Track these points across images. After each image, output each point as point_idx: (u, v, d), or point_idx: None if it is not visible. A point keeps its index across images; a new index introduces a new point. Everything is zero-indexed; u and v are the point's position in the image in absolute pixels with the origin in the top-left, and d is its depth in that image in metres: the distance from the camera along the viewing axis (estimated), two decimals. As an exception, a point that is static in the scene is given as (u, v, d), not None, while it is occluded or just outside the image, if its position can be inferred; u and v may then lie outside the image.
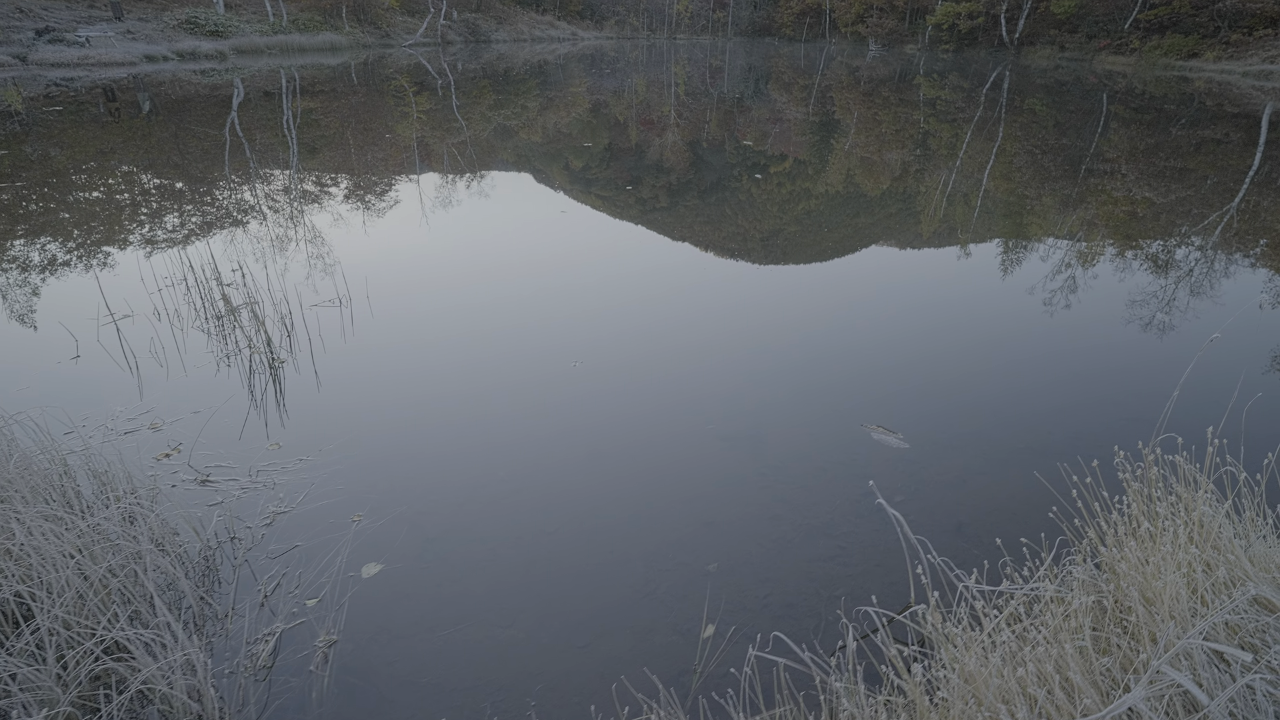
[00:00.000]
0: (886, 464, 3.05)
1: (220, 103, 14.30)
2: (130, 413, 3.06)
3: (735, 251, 6.32)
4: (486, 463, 3.03)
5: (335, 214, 6.51)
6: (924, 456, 3.12)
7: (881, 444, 3.09)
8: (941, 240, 6.71)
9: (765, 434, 3.30)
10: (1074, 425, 3.36)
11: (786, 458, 3.12)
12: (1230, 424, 2.99)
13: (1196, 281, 5.39)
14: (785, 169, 10.22)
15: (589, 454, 3.13)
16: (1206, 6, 27.36)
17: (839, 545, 2.60)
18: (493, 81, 22.10)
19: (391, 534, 2.50)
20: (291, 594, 2.14)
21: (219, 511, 2.45)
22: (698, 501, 2.87)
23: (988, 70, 30.22)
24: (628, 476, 3.00)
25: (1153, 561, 1.66)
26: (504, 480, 2.95)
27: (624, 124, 14.43)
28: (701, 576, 2.48)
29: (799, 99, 19.72)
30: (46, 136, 9.72)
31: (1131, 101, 18.79)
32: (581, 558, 2.57)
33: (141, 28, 23.14)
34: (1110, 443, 2.82)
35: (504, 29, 44.88)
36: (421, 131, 12.31)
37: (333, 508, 2.55)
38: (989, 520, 2.69)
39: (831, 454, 3.13)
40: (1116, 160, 10.38)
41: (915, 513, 2.76)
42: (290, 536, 2.39)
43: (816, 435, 3.28)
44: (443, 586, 2.40)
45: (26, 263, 4.87)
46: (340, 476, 2.75)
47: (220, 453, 2.82)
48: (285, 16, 29.22)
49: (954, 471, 3.01)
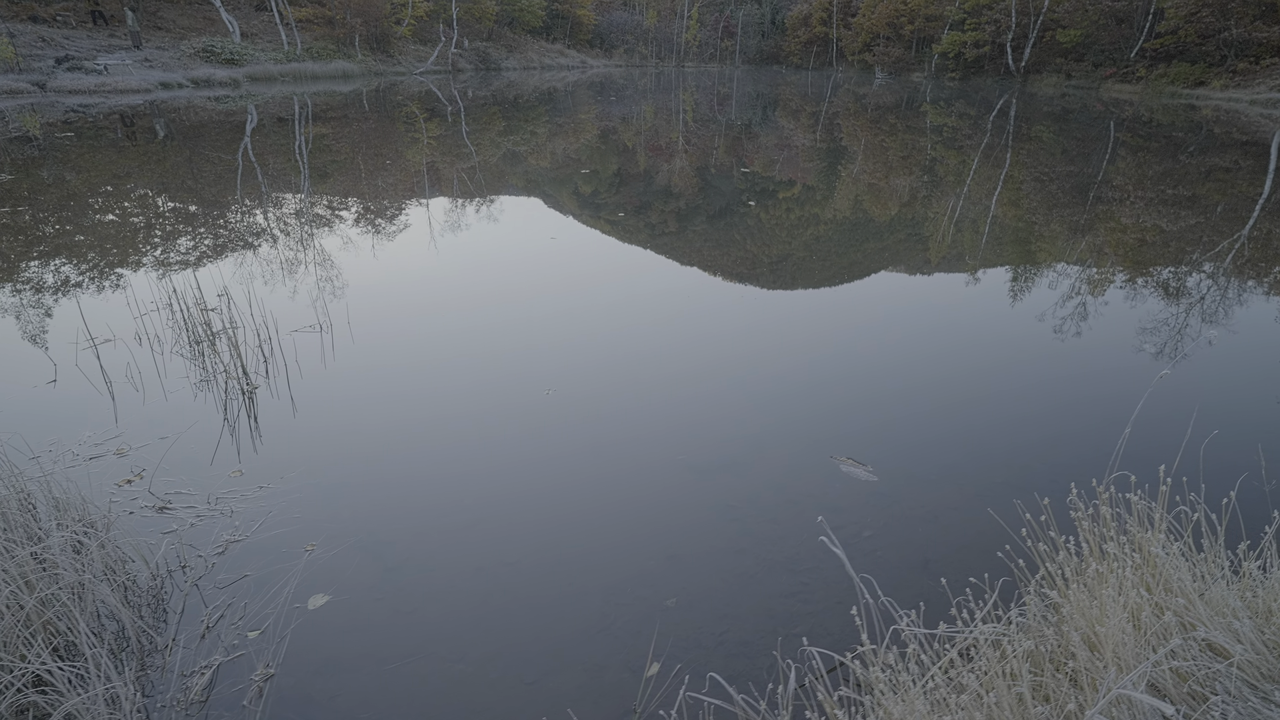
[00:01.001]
0: (857, 497, 2.99)
1: (233, 128, 14.62)
2: (99, 438, 3.07)
3: (743, 276, 6.35)
4: (453, 491, 3.01)
5: (334, 239, 6.59)
6: (897, 490, 3.06)
7: (851, 477, 3.04)
8: (949, 266, 6.70)
9: (739, 464, 3.26)
10: (1058, 458, 3.30)
11: (757, 489, 3.08)
12: (1188, 461, 2.92)
13: (1207, 310, 5.30)
14: (794, 194, 10.29)
15: (556, 483, 3.10)
16: (1213, 36, 27.48)
17: (801, 581, 2.55)
18: (502, 108, 22.48)
19: (346, 564, 2.48)
20: (234, 625, 2.11)
21: (172, 539, 2.43)
22: (663, 534, 2.82)
23: (994, 98, 30.43)
24: (594, 507, 2.97)
25: (1098, 603, 1.61)
26: (469, 509, 2.92)
27: (633, 150, 14.60)
28: (659, 611, 2.43)
29: (806, 126, 19.91)
30: (61, 161, 9.94)
31: (1139, 129, 18.82)
32: (540, 590, 2.53)
33: (159, 56, 23.78)
34: (1095, 476, 2.75)
35: (514, 57, 45.75)
36: (431, 157, 12.50)
37: (287, 536, 2.53)
38: (957, 557, 2.63)
39: (804, 486, 3.08)
40: (1125, 187, 10.37)
41: (883, 548, 2.70)
42: (241, 566, 2.37)
43: (791, 466, 3.24)
44: (396, 618, 2.37)
45: (14, 286, 4.94)
46: (300, 504, 2.73)
47: (182, 479, 2.81)
48: (299, 45, 29.95)
49: (926, 506, 2.95)
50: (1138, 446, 3.23)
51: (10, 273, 5.22)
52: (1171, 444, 3.15)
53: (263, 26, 31.98)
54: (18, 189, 8.02)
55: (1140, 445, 3.24)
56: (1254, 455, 3.06)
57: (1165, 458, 1.90)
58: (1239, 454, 3.16)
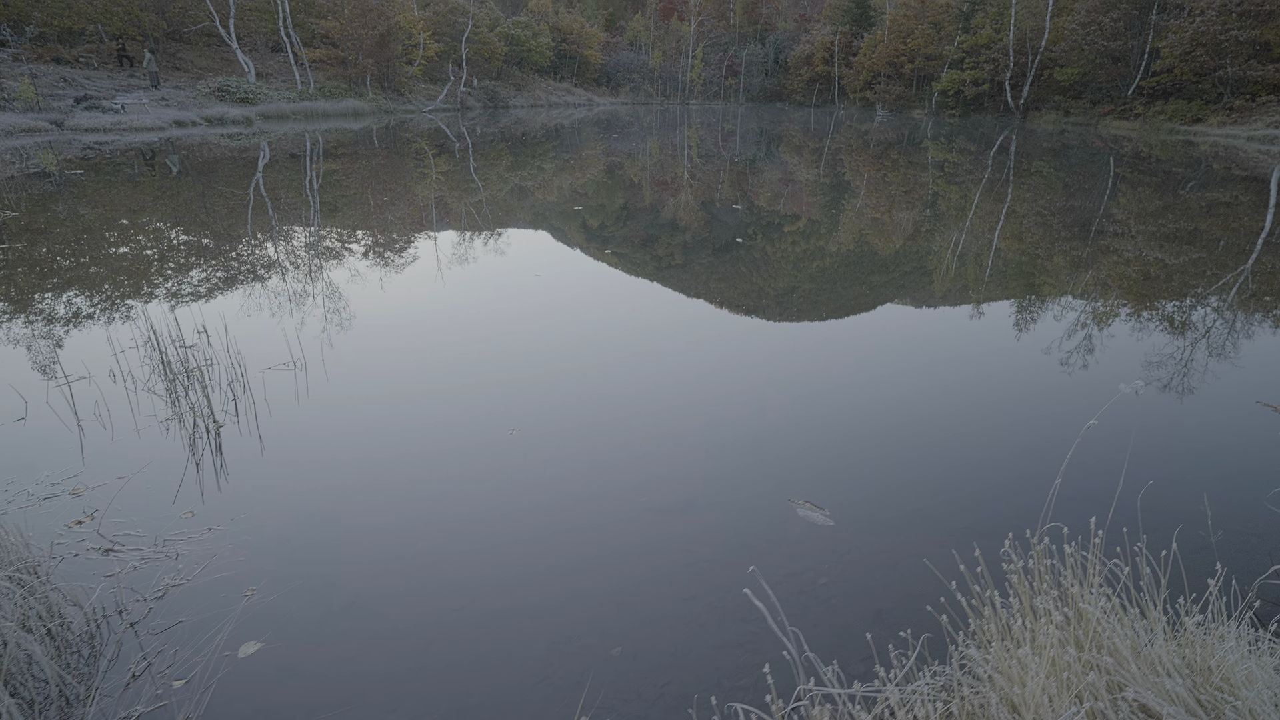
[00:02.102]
0: (816, 542, 2.94)
1: (242, 164, 14.96)
2: (58, 477, 3.08)
3: (749, 308, 6.39)
4: (410, 532, 2.98)
5: (325, 276, 6.67)
6: (859, 534, 3.01)
7: (808, 521, 3.00)
8: (952, 300, 6.72)
9: (701, 507, 3.22)
10: (1030, 501, 3.24)
11: (716, 533, 3.04)
12: (1132, 513, 2.87)
13: (1213, 345, 5.24)
14: (799, 228, 10.42)
15: (514, 525, 3.06)
16: (1208, 74, 27.84)
17: (751, 631, 2.49)
18: (510, 144, 22.94)
19: (287, 609, 2.44)
20: (161, 674, 2.08)
21: (112, 583, 2.41)
22: (616, 579, 2.78)
23: (994, 134, 30.80)
24: (549, 550, 2.93)
25: (1023, 662, 1.56)
26: (425, 551, 2.89)
27: (639, 184, 14.83)
28: (604, 661, 2.38)
29: (810, 161, 20.18)
30: (71, 197, 10.18)
31: (1139, 164, 18.98)
32: (485, 636, 2.48)
33: (176, 95, 24.49)
34: (1075, 520, 2.70)
35: (522, 95, 46.83)
36: (437, 192, 12.73)
37: (229, 580, 2.51)
38: (912, 606, 2.57)
39: (763, 530, 3.04)
40: (1126, 221, 10.43)
41: (837, 596, 2.64)
42: (178, 611, 2.34)
43: (752, 509, 3.19)
44: (334, 666, 2.33)
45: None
46: (247, 547, 2.71)
47: (133, 520, 2.80)
48: (312, 84, 30.79)
49: (887, 552, 2.90)
50: (1082, 490, 3.17)
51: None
52: (1106, 493, 3.09)
53: (278, 67, 32.97)
54: (20, 225, 8.19)
55: (1080, 492, 3.19)
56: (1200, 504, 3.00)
57: (1099, 509, 1.87)
58: (1172, 509, 3.10)
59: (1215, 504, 3.06)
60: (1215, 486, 3.28)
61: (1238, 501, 3.14)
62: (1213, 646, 1.73)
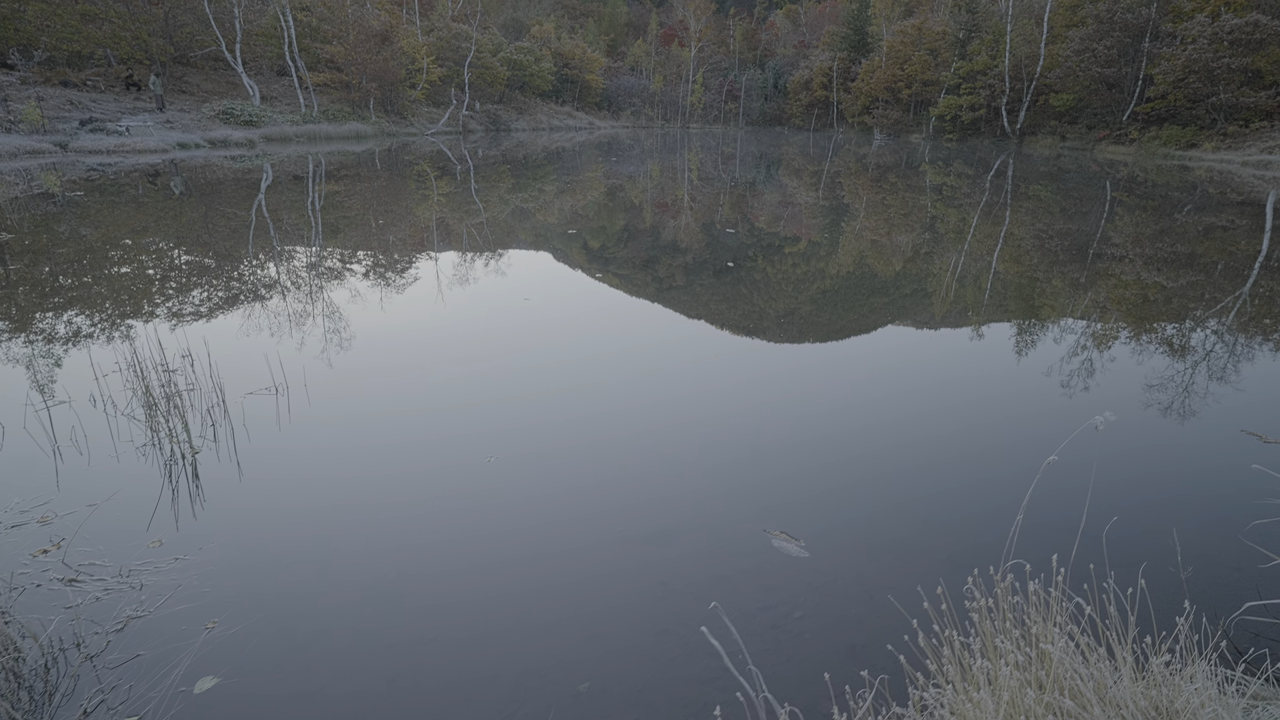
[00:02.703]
0: (792, 574, 2.90)
1: (244, 185, 15.10)
2: (27, 504, 3.05)
3: (750, 329, 6.42)
4: (383, 562, 2.95)
5: (315, 298, 6.68)
6: (837, 565, 2.97)
7: (783, 552, 2.96)
8: (952, 322, 6.74)
9: (677, 536, 3.18)
10: (1009, 530, 3.20)
11: (692, 563, 3.00)
12: (1098, 547, 2.83)
13: (1204, 371, 5.21)
14: (800, 250, 10.50)
15: (488, 555, 3.03)
16: (1202, 100, 28.14)
17: (722, 667, 2.44)
18: (511, 167, 23.17)
19: (249, 642, 2.40)
20: (113, 711, 2.04)
21: (71, 615, 2.38)
22: (587, 610, 2.74)
23: (991, 158, 31.09)
24: (523, 580, 2.89)
25: (979, 705, 1.53)
26: (393, 581, 2.85)
27: (639, 206, 14.95)
28: (569, 697, 2.33)
29: (809, 184, 20.37)
30: (70, 217, 10.26)
31: (1135, 188, 19.14)
32: (451, 671, 2.44)
33: (181, 118, 24.81)
34: (1046, 552, 2.66)
35: (524, 119, 47.39)
36: (440, 213, 12.84)
37: (192, 612, 2.47)
38: (885, 641, 2.52)
39: (738, 561, 3.00)
40: (1124, 244, 10.50)
41: (811, 630, 2.60)
42: (137, 644, 2.30)
43: (729, 539, 3.16)
44: (294, 702, 2.28)
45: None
46: (213, 576, 2.68)
47: (100, 549, 2.77)
48: (316, 108, 31.19)
49: (863, 584, 2.86)
50: (1051, 522, 3.13)
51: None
52: (1070, 529, 3.05)
53: (283, 91, 33.44)
54: (21, 246, 8.24)
55: (1050, 523, 3.15)
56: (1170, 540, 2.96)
57: (1066, 544, 1.84)
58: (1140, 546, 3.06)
59: (1191, 537, 3.02)
60: (1191, 519, 3.24)
61: (1214, 534, 3.10)
62: (1180, 687, 1.70)
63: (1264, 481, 3.20)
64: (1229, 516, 3.17)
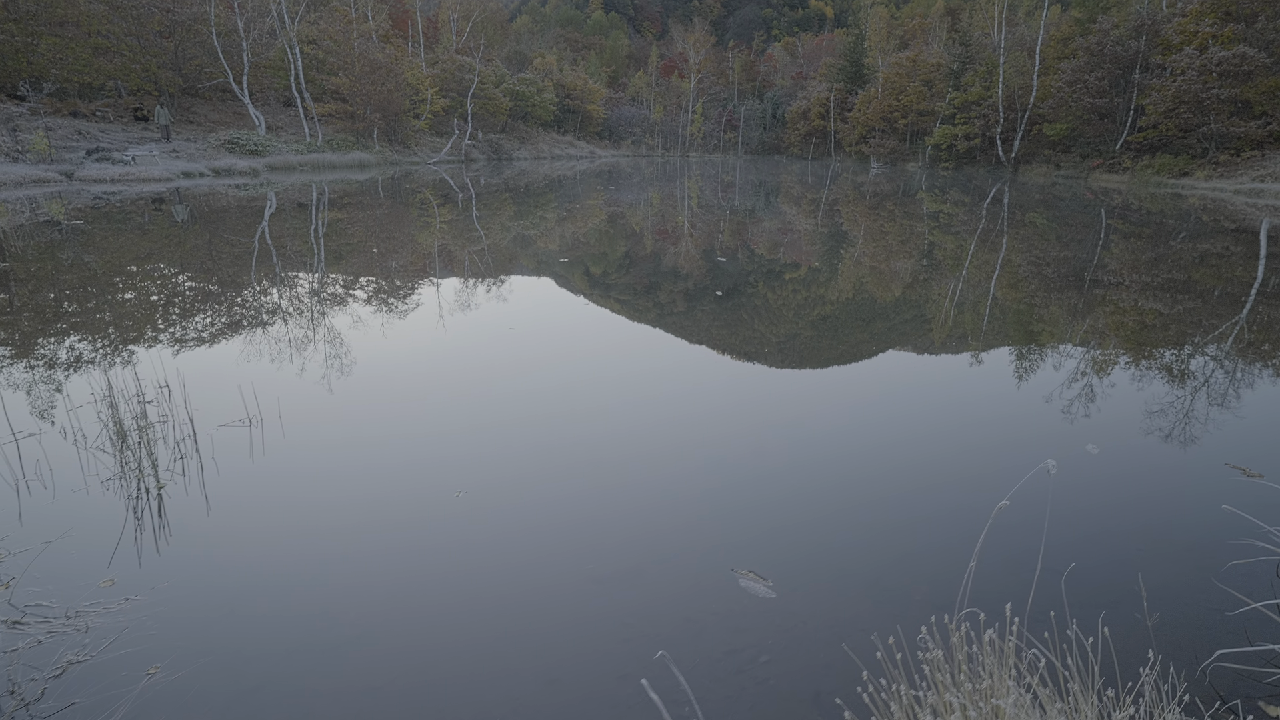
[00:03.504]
0: (761, 616, 2.82)
1: (249, 213, 15.24)
2: (-18, 540, 3.00)
3: (751, 355, 6.42)
4: (336, 604, 2.87)
5: (300, 328, 6.68)
6: (810, 606, 2.89)
7: (750, 592, 2.89)
8: (951, 348, 6.74)
9: (646, 574, 3.10)
10: (993, 571, 3.12)
11: (660, 604, 2.92)
12: (1060, 593, 2.75)
13: (1201, 399, 5.15)
14: (800, 276, 10.56)
15: (447, 594, 2.95)
16: (1193, 130, 28.46)
17: (683, 715, 2.36)
18: (513, 195, 23.42)
19: (191, 689, 2.33)
20: (40, 765, 1.96)
21: (10, 660, 2.31)
22: (549, 653, 2.65)
23: (987, 186, 31.38)
24: (483, 622, 2.81)
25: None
26: (349, 624, 2.77)
27: (640, 233, 15.07)
28: (523, 749, 2.25)
29: (808, 211, 20.54)
30: (69, 245, 10.34)
31: (1130, 216, 19.29)
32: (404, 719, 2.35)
33: (187, 148, 25.18)
34: (1018, 597, 2.59)
35: (526, 148, 48.05)
36: (442, 240, 12.95)
37: (135, 656, 2.40)
38: (850, 689, 2.44)
39: (707, 601, 2.92)
40: (1121, 271, 10.54)
41: (776, 676, 2.52)
42: (74, 691, 2.23)
43: (699, 577, 3.08)
44: (234, 754, 2.20)
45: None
46: (162, 618, 2.60)
47: (50, 589, 2.71)
48: (320, 137, 31.66)
49: (834, 627, 2.77)
50: (1009, 564, 3.06)
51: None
52: (1025, 577, 2.98)
53: (288, 121, 34.01)
54: (23, 273, 8.29)
55: (1006, 565, 3.07)
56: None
57: (1019, 593, 1.77)
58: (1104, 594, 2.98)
59: (1161, 580, 2.94)
60: (1161, 560, 3.16)
61: (1186, 576, 3.01)
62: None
63: (1241, 520, 3.12)
64: (1203, 558, 3.08)
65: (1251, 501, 3.55)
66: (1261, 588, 2.88)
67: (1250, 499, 3.60)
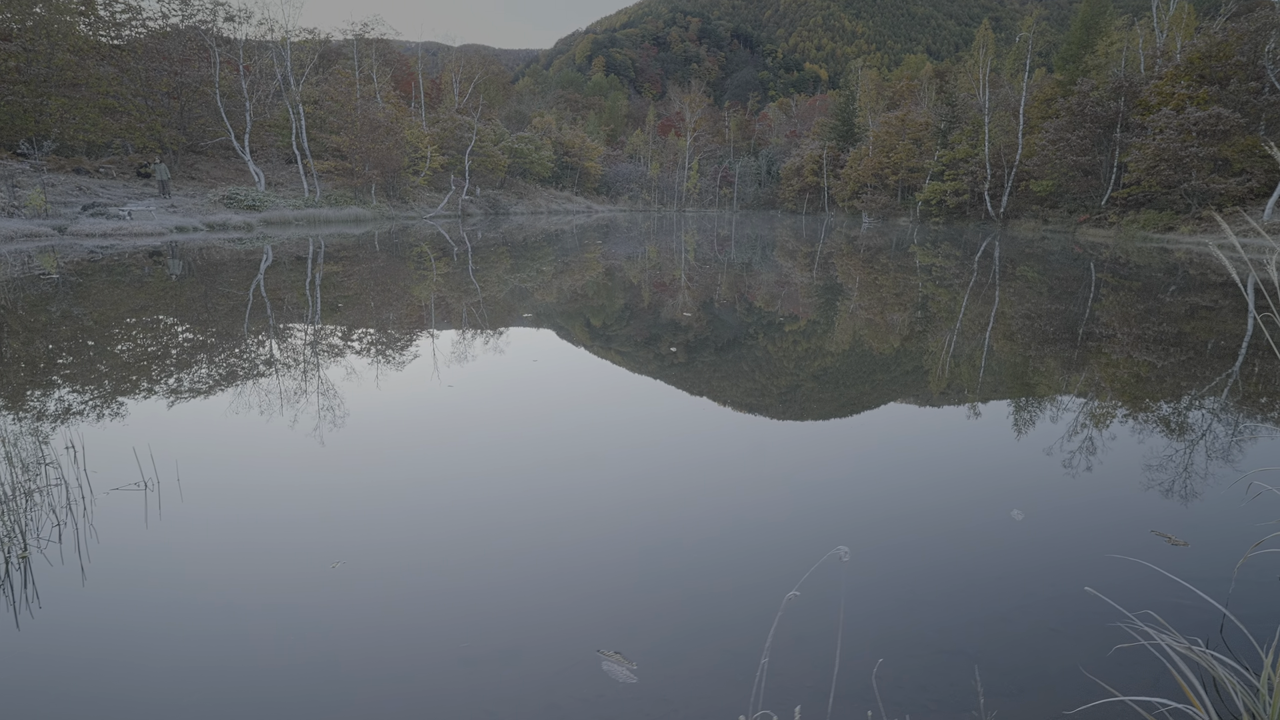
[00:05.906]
0: (632, 703, 2.60)
1: (245, 266, 15.40)
2: None
3: (753, 406, 6.39)
4: (177, 691, 2.67)
5: (217, 386, 6.58)
6: (675, 692, 2.66)
7: (611, 676, 2.67)
8: (950, 400, 6.67)
9: (520, 656, 2.89)
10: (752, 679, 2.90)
11: (528, 688, 2.70)
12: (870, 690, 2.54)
13: (1218, 439, 4.97)
14: (799, 328, 10.59)
15: (309, 681, 2.75)
16: (1175, 186, 28.95)
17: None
18: (510, 248, 23.75)
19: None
20: None
21: None
22: (393, 749, 2.43)
23: (977, 240, 31.76)
24: (347, 713, 2.60)
25: None
26: (199, 709, 2.57)
27: (638, 286, 15.18)
28: None
29: (804, 265, 20.76)
30: (63, 298, 10.38)
31: (1119, 270, 19.47)
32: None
33: (185, 203, 25.72)
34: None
35: (523, 203, 49.09)
36: (440, 293, 13.04)
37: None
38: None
39: (574, 688, 2.70)
40: (1112, 323, 10.54)
41: (632, 777, 2.29)
42: None
43: (572, 659, 2.86)
44: None
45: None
46: (-28, 708, 2.41)
47: None
48: (319, 193, 32.38)
49: (707, 715, 2.55)
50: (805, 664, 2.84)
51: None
52: (824, 674, 2.76)
53: (289, 177, 34.87)
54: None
55: (800, 666, 2.85)
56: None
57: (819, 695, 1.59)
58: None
59: (1006, 671, 2.72)
60: (1011, 648, 2.94)
61: (1049, 666, 2.79)
62: None
63: (1142, 593, 2.92)
64: (1079, 642, 2.86)
65: (1177, 568, 3.34)
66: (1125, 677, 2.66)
67: (1175, 567, 3.39)
